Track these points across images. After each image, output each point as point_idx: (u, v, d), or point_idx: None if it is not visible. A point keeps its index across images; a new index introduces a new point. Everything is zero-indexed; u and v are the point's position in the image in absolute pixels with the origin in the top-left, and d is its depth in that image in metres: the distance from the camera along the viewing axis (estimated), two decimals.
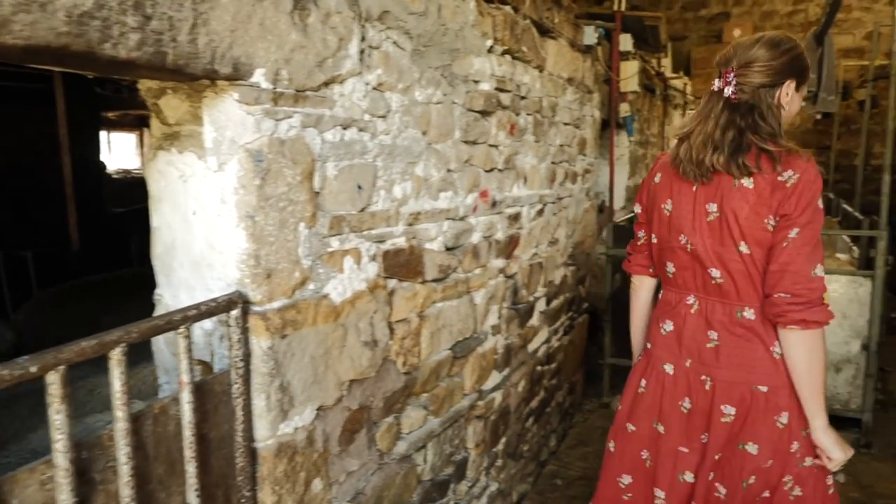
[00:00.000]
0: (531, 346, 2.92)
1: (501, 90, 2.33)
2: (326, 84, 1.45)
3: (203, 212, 1.33)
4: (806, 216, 1.47)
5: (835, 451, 1.54)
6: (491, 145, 2.29)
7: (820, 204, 1.50)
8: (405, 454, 1.91)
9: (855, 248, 4.20)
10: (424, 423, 2.02)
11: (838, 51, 6.94)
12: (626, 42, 3.86)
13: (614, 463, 1.84)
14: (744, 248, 1.53)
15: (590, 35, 3.31)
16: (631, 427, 1.79)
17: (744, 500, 1.60)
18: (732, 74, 1.53)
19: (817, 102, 3.86)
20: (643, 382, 1.77)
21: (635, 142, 5.27)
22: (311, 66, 1.39)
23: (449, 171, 2.01)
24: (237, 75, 1.21)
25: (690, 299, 1.66)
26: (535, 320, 2.92)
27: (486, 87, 2.19)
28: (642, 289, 1.89)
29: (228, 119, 1.26)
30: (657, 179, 1.73)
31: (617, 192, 4.88)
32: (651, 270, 1.84)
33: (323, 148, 1.45)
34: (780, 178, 1.48)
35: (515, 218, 2.57)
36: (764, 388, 1.56)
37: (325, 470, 1.55)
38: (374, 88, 1.62)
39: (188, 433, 1.19)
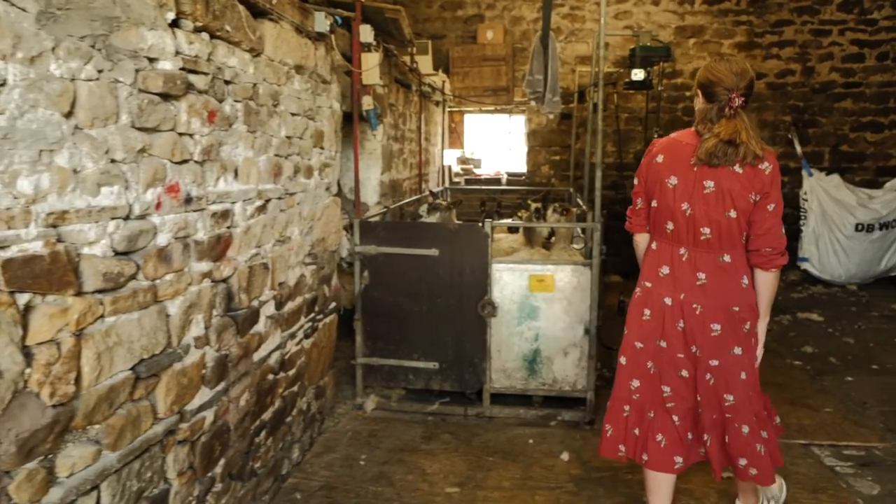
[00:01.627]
0: (258, 355, 2.69)
1: (194, 71, 2.06)
2: None
3: None
4: (777, 194, 2.22)
5: (763, 340, 2.40)
6: (182, 133, 2.02)
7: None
8: (62, 502, 1.58)
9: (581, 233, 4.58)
10: (96, 460, 1.70)
11: (576, 58, 7.63)
12: (366, 33, 3.76)
13: (625, 372, 2.46)
14: (732, 213, 2.21)
15: (321, 21, 3.14)
16: (639, 345, 2.42)
17: (741, 390, 2.32)
18: (741, 94, 2.18)
19: (545, 103, 4.11)
20: (647, 311, 2.40)
21: (391, 137, 5.25)
22: None
23: (114, 161, 1.70)
24: None
25: (682, 250, 2.32)
26: (261, 326, 2.70)
27: (167, 66, 1.91)
28: (643, 241, 2.49)
29: None
30: (659, 159, 2.32)
31: (370, 188, 4.81)
32: (647, 228, 2.45)
33: None
34: (760, 167, 2.18)
35: (224, 215, 2.32)
36: (736, 308, 2.29)
37: None
38: None
39: None
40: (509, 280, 3.79)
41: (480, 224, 3.80)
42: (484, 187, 7.64)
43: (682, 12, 7.45)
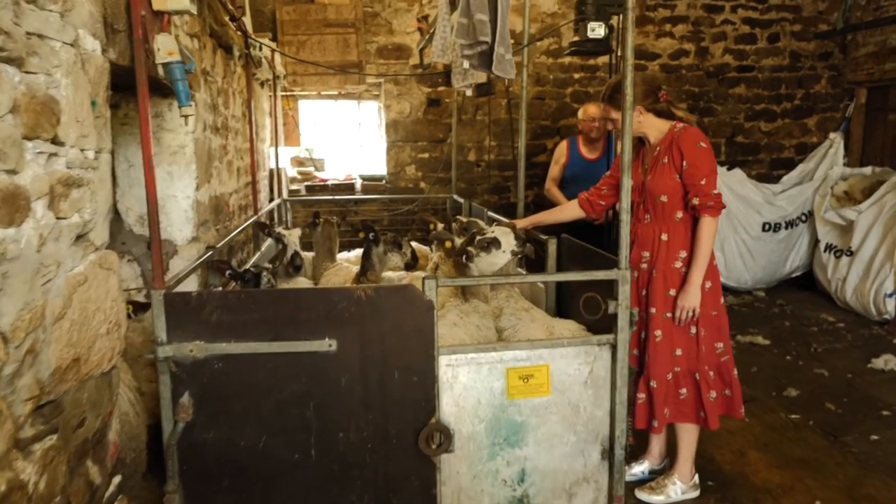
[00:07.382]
0: None
1: None
2: None
3: None
4: None
5: None
6: None
7: None
8: None
9: (540, 283, 2.93)
10: None
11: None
12: None
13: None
14: None
15: None
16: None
17: None
18: None
19: (494, 64, 2.40)
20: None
21: (209, 125, 3.19)
22: None
23: None
24: None
25: None
26: None
27: None
28: None
29: None
30: None
31: (178, 215, 2.72)
32: None
33: None
34: None
35: None
36: None
37: None
38: None
39: None
40: (469, 382, 2.05)
41: (416, 283, 2.00)
42: (335, 197, 5.76)
43: None
